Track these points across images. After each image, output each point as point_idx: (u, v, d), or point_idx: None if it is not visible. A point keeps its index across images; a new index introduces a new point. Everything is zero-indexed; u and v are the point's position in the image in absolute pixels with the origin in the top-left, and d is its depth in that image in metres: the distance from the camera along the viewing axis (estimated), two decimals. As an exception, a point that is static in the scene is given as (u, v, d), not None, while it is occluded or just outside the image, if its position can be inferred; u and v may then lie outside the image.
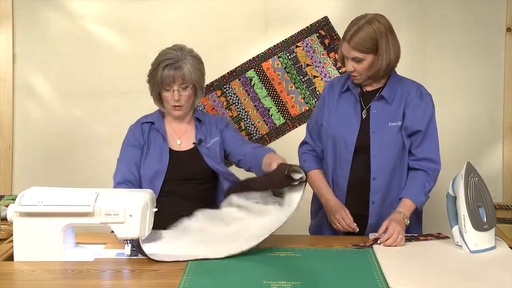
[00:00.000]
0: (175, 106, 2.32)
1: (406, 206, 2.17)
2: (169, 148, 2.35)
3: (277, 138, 3.36)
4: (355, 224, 2.22)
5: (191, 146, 2.38)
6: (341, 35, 3.24)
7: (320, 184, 2.35)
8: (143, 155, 2.34)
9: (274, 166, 2.03)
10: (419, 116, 2.23)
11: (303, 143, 2.48)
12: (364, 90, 2.29)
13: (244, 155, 2.35)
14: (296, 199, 1.97)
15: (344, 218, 2.23)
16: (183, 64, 2.28)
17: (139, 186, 2.31)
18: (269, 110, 3.35)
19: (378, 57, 2.17)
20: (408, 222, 2.14)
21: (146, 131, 2.37)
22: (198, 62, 2.34)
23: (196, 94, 2.37)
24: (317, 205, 2.43)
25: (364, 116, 2.26)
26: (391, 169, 2.24)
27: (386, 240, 2.04)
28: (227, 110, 3.35)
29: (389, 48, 2.17)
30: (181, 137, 2.39)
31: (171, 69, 2.27)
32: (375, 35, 2.14)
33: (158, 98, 2.36)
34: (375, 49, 2.16)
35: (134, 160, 2.33)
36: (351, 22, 2.20)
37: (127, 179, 2.28)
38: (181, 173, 2.33)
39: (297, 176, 1.95)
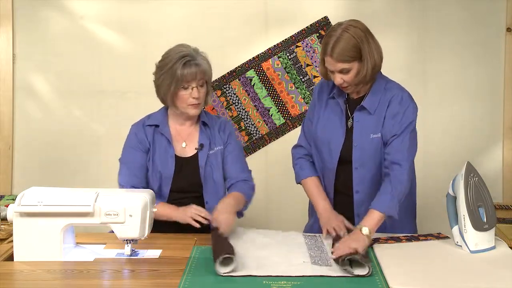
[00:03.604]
0: (194, 104, 2.25)
1: (370, 219, 2.04)
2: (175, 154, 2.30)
3: (277, 138, 3.36)
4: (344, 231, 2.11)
5: (194, 152, 2.32)
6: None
7: (314, 192, 2.29)
8: (149, 160, 2.29)
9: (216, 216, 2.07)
10: (395, 123, 2.15)
11: (297, 146, 2.41)
12: (351, 98, 2.23)
13: (231, 177, 2.34)
14: (356, 272, 1.79)
15: (338, 226, 2.13)
16: (200, 61, 2.23)
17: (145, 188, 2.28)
18: (269, 110, 3.35)
19: (363, 62, 2.09)
20: (368, 232, 2.00)
21: (150, 134, 2.31)
22: (207, 59, 2.29)
23: (208, 91, 2.31)
24: (312, 207, 2.41)
25: (350, 126, 2.22)
26: (373, 183, 2.19)
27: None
28: (227, 110, 3.35)
29: (371, 50, 2.09)
30: (186, 139, 2.34)
31: (191, 65, 2.20)
32: (356, 41, 2.06)
33: (173, 97, 2.25)
34: (359, 55, 2.08)
35: (137, 164, 2.28)
36: (326, 35, 2.12)
37: (132, 184, 2.25)
38: (183, 182, 2.29)
39: (356, 272, 1.78)
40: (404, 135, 2.14)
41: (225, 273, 1.76)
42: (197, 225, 2.14)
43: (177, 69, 2.19)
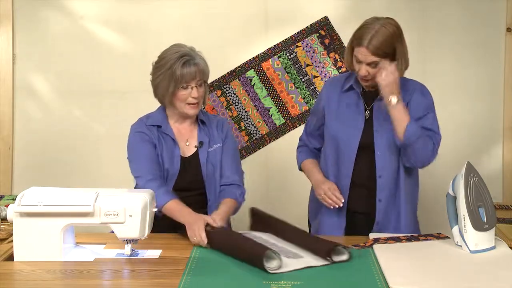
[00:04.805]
0: (193, 103, 2.24)
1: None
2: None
3: (277, 138, 3.37)
4: (341, 196, 2.23)
5: (194, 150, 2.32)
6: (341, 35, 3.28)
7: (311, 168, 2.39)
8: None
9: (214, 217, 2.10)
10: (419, 109, 2.24)
11: (300, 141, 2.52)
12: (366, 90, 2.29)
13: (223, 177, 2.34)
14: (338, 259, 1.88)
15: (329, 189, 2.24)
16: (199, 60, 2.22)
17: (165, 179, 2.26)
18: (269, 110, 3.35)
19: (398, 61, 2.16)
20: (395, 101, 2.13)
21: (155, 133, 2.28)
22: (204, 58, 2.28)
23: (206, 91, 2.30)
24: (315, 207, 2.42)
25: (367, 116, 2.27)
26: (396, 167, 2.25)
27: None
28: (227, 110, 3.35)
29: (403, 51, 2.18)
30: (188, 138, 2.33)
31: (190, 65, 2.19)
32: (393, 39, 2.13)
33: (171, 97, 2.24)
34: (392, 53, 2.15)
35: (149, 154, 2.24)
36: (363, 26, 2.16)
37: (151, 171, 2.21)
38: (186, 181, 2.28)
39: (338, 258, 1.88)
40: (429, 114, 2.24)
41: (270, 268, 1.77)
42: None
43: (177, 69, 2.19)
